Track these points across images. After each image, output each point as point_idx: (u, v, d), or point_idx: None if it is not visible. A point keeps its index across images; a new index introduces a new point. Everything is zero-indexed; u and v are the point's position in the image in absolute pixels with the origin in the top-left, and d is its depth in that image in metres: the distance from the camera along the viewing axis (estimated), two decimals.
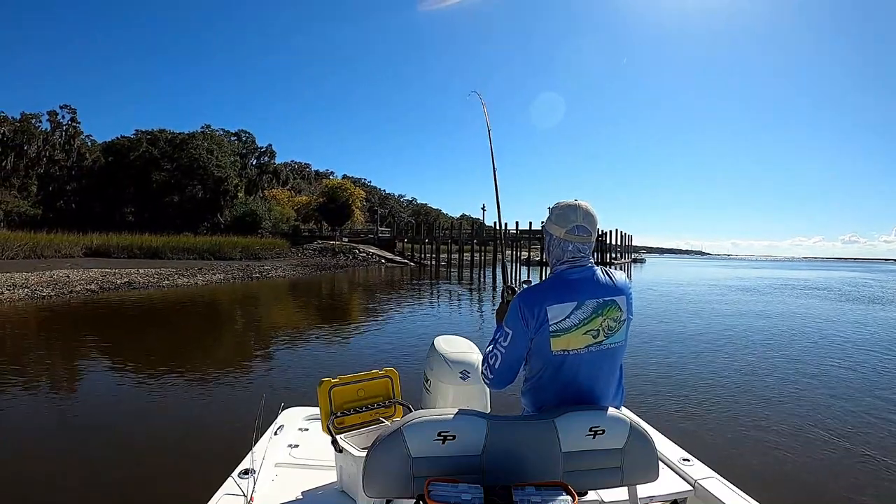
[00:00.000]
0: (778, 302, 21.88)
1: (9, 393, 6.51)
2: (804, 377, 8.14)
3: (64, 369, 8.10)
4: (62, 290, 17.46)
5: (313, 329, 12.45)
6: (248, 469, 2.36)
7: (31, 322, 12.44)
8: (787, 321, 15.27)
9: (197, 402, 6.41)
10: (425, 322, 13.87)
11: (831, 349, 10.72)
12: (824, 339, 11.95)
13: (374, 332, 12.17)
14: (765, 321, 15.10)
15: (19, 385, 6.91)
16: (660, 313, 16.48)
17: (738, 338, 11.88)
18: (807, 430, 5.63)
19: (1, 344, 9.82)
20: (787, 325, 14.41)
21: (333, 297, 21.71)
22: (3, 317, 12.70)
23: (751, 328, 13.50)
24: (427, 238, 58.45)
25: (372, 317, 15.27)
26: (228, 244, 40.14)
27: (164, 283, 21.74)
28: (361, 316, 15.43)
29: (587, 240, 1.86)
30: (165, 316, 14.10)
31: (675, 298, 22.17)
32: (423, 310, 16.91)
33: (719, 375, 8.09)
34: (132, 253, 34.35)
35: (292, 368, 8.25)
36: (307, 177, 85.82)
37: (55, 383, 7.20)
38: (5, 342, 10.05)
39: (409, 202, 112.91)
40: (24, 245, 28.59)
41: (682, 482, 2.41)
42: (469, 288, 26.59)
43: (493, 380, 1.90)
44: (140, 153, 53.46)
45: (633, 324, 1.91)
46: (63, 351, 9.43)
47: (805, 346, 10.96)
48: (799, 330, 13.42)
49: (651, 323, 13.77)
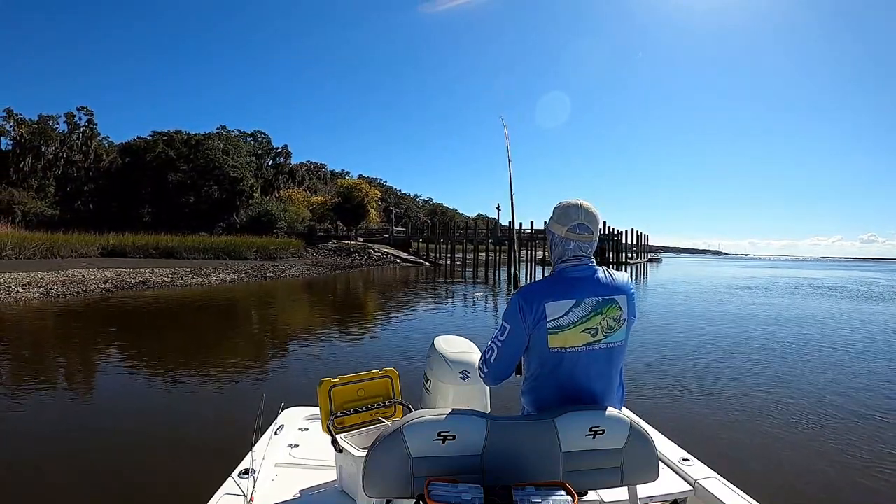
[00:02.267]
0: (782, 300, 22.00)
1: (9, 393, 6.47)
2: (804, 376, 8.05)
3: (64, 368, 8.06)
4: (76, 289, 17.57)
5: (317, 328, 12.36)
6: (248, 469, 2.36)
7: (41, 320, 12.46)
8: (787, 320, 15.05)
9: (197, 401, 6.38)
10: (431, 322, 13.60)
11: (831, 348, 10.58)
12: (824, 338, 11.78)
13: (379, 331, 12.00)
14: (766, 320, 14.85)
15: (19, 384, 6.91)
16: (663, 311, 16.52)
17: (739, 337, 11.72)
18: (807, 429, 5.62)
19: (8, 341, 9.73)
20: (787, 324, 14.20)
21: (343, 296, 21.48)
22: (17, 315, 12.82)
23: (751, 328, 13.27)
24: (442, 238, 58.21)
25: (378, 316, 15.08)
26: (243, 244, 40.07)
27: (178, 282, 21.74)
28: (368, 315, 15.23)
29: (588, 238, 1.88)
30: (174, 315, 14.05)
31: (681, 296, 22.37)
32: (431, 309, 16.60)
33: (719, 375, 8.05)
34: (148, 253, 34.41)
35: (293, 368, 8.29)
36: (323, 177, 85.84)
37: (54, 382, 7.10)
38: (13, 340, 9.98)
39: (426, 202, 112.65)
40: (41, 245, 28.70)
41: (682, 482, 2.40)
42: (482, 288, 26.25)
43: (488, 373, 1.93)
44: (156, 154, 53.79)
45: (637, 322, 1.93)
46: (66, 350, 9.45)
47: (805, 346, 10.80)
48: (798, 329, 13.22)
49: (652, 321, 13.70)
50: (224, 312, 15.32)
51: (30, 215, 44.99)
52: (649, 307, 17.80)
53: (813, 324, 14.44)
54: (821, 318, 15.82)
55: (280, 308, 17.05)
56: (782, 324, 14.34)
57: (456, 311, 16.51)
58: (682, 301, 20.33)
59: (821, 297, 24.03)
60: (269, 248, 41.34)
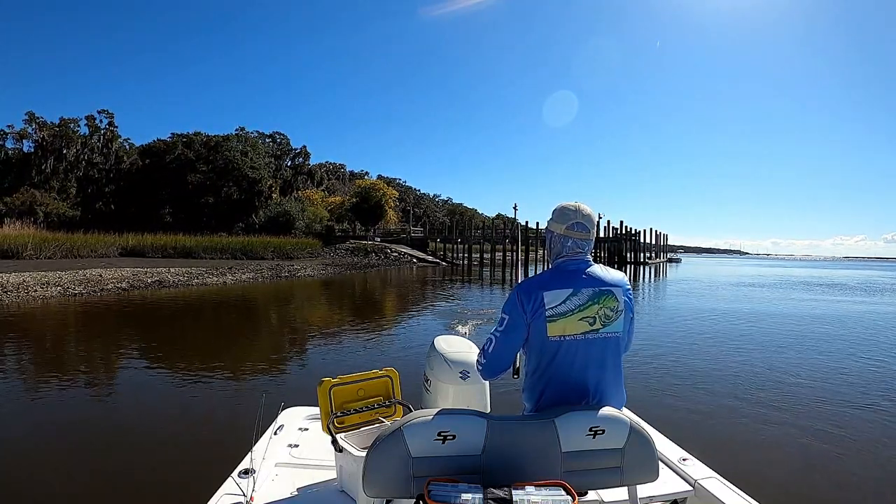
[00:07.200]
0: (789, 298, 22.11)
1: (8, 392, 6.46)
2: (805, 376, 7.94)
3: (64, 367, 7.96)
4: (93, 289, 17.74)
5: (322, 328, 12.29)
6: (248, 469, 2.35)
7: (55, 319, 12.53)
8: (789, 319, 14.81)
9: (197, 400, 6.32)
10: (437, 322, 13.31)
11: (831, 348, 10.40)
12: (824, 339, 11.54)
13: (383, 331, 11.87)
14: (767, 319, 14.62)
15: (19, 383, 6.94)
16: (665, 310, 16.66)
17: (739, 336, 11.56)
18: (807, 429, 5.57)
19: (16, 339, 9.76)
20: (787, 323, 13.95)
21: (355, 296, 21.33)
22: (31, 314, 12.96)
23: (751, 327, 13.08)
24: (459, 238, 58.03)
25: (387, 316, 14.98)
26: (260, 244, 40.20)
27: (193, 281, 21.86)
28: (375, 315, 15.08)
29: (585, 237, 1.94)
30: (184, 314, 14.10)
31: (687, 293, 22.84)
32: (441, 308, 16.27)
33: (720, 374, 7.96)
34: (166, 253, 34.65)
35: (293, 367, 8.27)
36: (342, 177, 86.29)
37: (55, 381, 6.99)
38: (20, 338, 10.02)
39: (445, 202, 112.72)
40: (62, 245, 29.01)
41: (682, 482, 2.40)
42: (498, 287, 26.00)
43: (485, 364, 1.93)
44: (176, 155, 54.42)
45: (638, 321, 2.01)
46: (70, 348, 9.44)
47: (804, 346, 10.62)
48: (799, 329, 12.98)
49: (653, 320, 13.74)
50: (233, 311, 15.25)
51: (51, 216, 45.74)
52: (653, 306, 17.90)
53: (815, 323, 14.13)
54: (826, 317, 15.53)
55: (289, 307, 16.95)
56: (784, 321, 14.25)
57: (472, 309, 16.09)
58: (686, 297, 20.62)
59: (828, 296, 24.01)
60: (286, 248, 41.45)
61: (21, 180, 49.26)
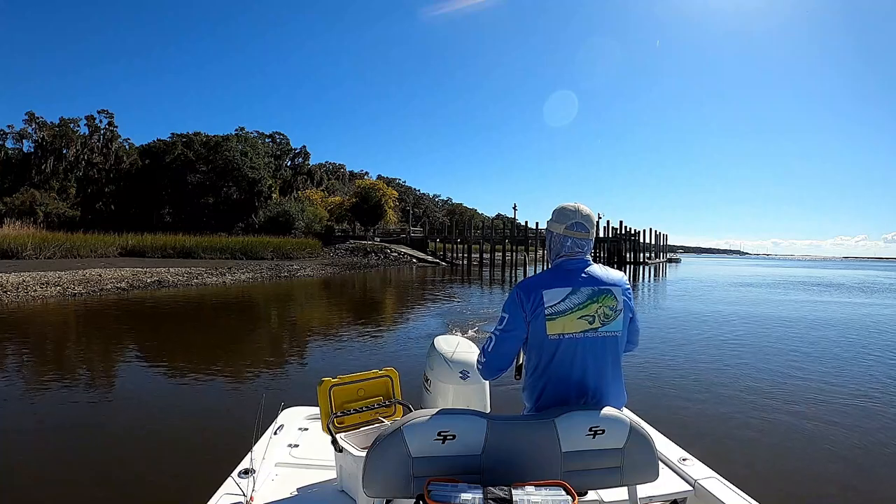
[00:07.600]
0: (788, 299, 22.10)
1: (8, 390, 6.48)
2: (806, 376, 7.94)
3: (64, 367, 7.95)
4: (93, 289, 17.71)
5: (321, 327, 12.28)
6: (247, 469, 2.35)
7: (54, 319, 12.51)
8: (789, 320, 14.73)
9: (197, 400, 6.33)
10: (437, 322, 13.27)
11: (831, 348, 10.39)
12: (823, 340, 11.50)
13: (383, 331, 11.81)
14: (767, 320, 14.58)
15: (19, 383, 6.94)
16: (665, 310, 16.76)
17: (739, 337, 11.52)
18: (807, 429, 5.58)
19: (14, 339, 9.73)
20: (787, 324, 13.87)
21: (353, 295, 21.31)
22: (30, 314, 12.94)
23: (751, 327, 13.06)
24: (459, 238, 58.00)
25: (386, 316, 14.94)
26: (260, 244, 40.14)
27: (192, 281, 21.82)
28: (376, 315, 15.06)
29: (585, 237, 1.96)
30: (183, 314, 14.07)
31: (687, 294, 22.93)
32: (441, 308, 16.24)
33: (720, 374, 7.98)
34: (166, 253, 34.59)
35: (293, 367, 8.25)
36: (342, 177, 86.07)
37: (54, 381, 6.97)
38: (17, 337, 9.99)
39: (444, 202, 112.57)
40: (61, 245, 28.97)
41: (682, 482, 2.40)
42: (498, 287, 26.01)
43: (485, 363, 1.94)
44: (176, 156, 54.31)
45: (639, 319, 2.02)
46: (68, 348, 9.41)
47: (804, 346, 10.58)
48: (799, 329, 12.95)
49: (653, 321, 13.74)
50: (233, 311, 15.22)
51: (51, 216, 45.75)
52: (653, 306, 17.96)
53: (815, 324, 14.05)
54: (826, 318, 15.40)
55: (289, 307, 16.93)
56: (784, 321, 14.28)
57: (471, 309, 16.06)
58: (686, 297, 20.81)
59: (827, 296, 23.98)
60: (285, 248, 41.39)
61: (21, 180, 49.33)
